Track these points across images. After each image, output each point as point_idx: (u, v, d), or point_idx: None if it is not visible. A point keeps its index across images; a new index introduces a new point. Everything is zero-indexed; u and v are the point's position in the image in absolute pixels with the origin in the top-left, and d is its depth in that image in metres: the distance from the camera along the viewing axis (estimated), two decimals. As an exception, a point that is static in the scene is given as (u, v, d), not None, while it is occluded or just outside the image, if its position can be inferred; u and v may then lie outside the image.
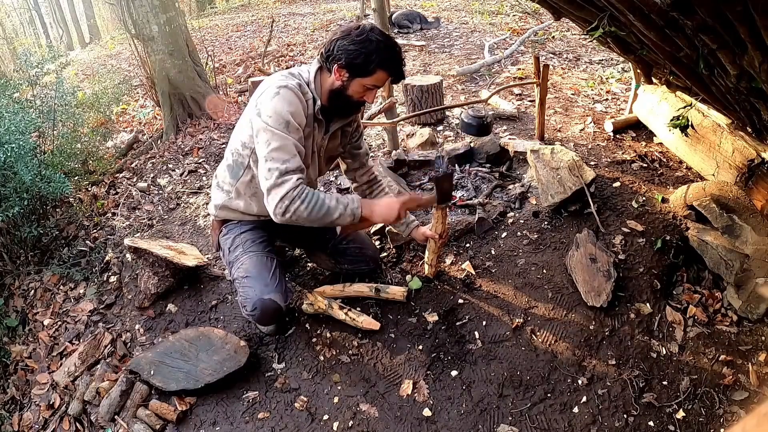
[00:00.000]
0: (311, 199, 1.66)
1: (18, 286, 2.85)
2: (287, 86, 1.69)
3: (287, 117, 1.65)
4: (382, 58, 1.67)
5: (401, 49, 1.75)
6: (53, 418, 2.14)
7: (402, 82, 3.69)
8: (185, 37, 4.60)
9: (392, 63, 1.71)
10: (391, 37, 1.73)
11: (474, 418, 1.84)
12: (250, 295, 1.86)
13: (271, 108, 1.65)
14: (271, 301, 1.84)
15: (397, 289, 2.22)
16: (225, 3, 13.72)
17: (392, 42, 1.71)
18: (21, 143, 2.55)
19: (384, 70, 1.70)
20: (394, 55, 1.70)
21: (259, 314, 1.87)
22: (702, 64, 1.89)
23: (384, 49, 1.67)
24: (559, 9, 2.29)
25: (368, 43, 1.64)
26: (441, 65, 5.06)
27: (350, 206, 1.74)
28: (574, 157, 2.62)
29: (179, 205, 3.33)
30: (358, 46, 1.65)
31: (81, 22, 16.93)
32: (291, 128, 1.66)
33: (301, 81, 1.75)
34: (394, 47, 1.70)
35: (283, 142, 1.64)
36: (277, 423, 1.90)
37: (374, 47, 1.65)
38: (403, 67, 1.76)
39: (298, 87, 1.72)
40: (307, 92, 1.75)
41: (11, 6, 15.96)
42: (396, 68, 1.73)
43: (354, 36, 1.66)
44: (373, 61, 1.66)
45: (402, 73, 1.76)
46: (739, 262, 2.08)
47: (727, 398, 1.86)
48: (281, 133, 1.64)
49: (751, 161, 2.33)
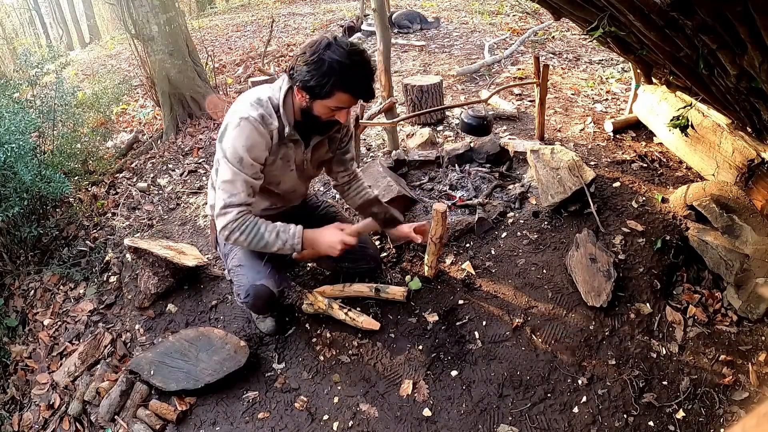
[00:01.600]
0: (250, 231, 1.72)
1: (18, 286, 2.85)
2: (248, 118, 1.65)
3: (242, 153, 1.65)
4: (339, 80, 1.55)
5: (366, 64, 1.59)
6: (53, 418, 2.14)
7: (402, 82, 3.71)
8: (185, 37, 4.60)
9: (351, 84, 1.58)
10: (354, 51, 1.57)
11: (474, 418, 1.84)
12: (243, 283, 1.89)
13: (229, 140, 1.67)
14: (263, 287, 1.86)
15: (397, 289, 2.22)
16: (225, 3, 13.72)
17: (353, 60, 1.55)
18: (21, 143, 2.55)
19: (343, 92, 1.59)
20: (354, 74, 1.57)
21: (252, 300, 1.88)
22: (702, 64, 1.89)
23: (341, 70, 1.54)
24: (559, 9, 2.29)
25: (320, 63, 1.54)
26: (441, 65, 5.06)
27: (289, 242, 1.76)
28: (574, 157, 2.62)
29: (179, 205, 3.33)
30: (311, 68, 1.55)
31: (81, 22, 16.93)
32: (245, 164, 1.67)
33: (267, 110, 1.69)
34: (353, 66, 1.55)
35: (233, 177, 1.69)
36: (277, 423, 1.90)
37: (327, 68, 1.53)
38: (370, 85, 1.62)
39: (261, 119, 1.66)
40: (272, 123, 1.69)
41: (11, 6, 15.96)
42: (357, 89, 1.60)
43: (308, 56, 1.56)
44: (328, 83, 1.55)
45: (367, 92, 1.63)
46: (739, 262, 2.08)
47: (727, 398, 1.86)
48: (233, 168, 1.68)
49: (751, 161, 2.33)
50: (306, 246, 1.80)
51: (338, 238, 1.80)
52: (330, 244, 1.81)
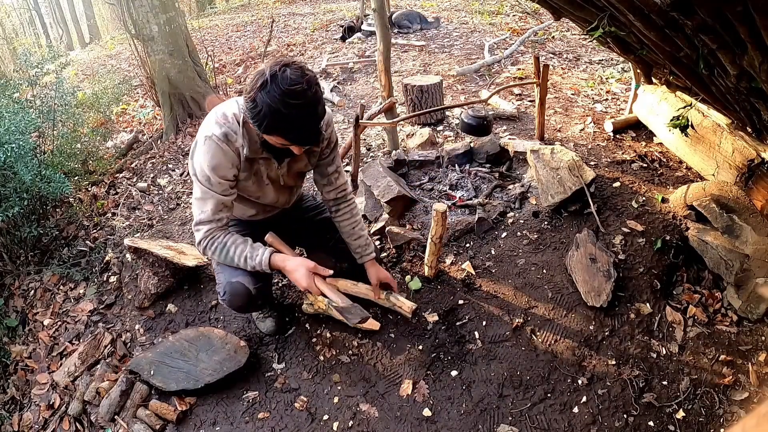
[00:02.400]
0: (220, 251, 1.75)
1: (18, 286, 2.85)
2: (211, 137, 1.62)
3: (208, 172, 1.65)
4: (271, 125, 1.46)
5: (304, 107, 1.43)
6: (53, 418, 2.14)
7: (402, 82, 3.71)
8: (185, 37, 4.60)
9: (284, 130, 1.48)
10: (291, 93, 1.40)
11: (474, 418, 1.84)
12: (221, 280, 1.89)
13: (196, 159, 1.67)
14: (239, 284, 1.84)
15: (407, 304, 2.08)
16: (225, 3, 13.73)
17: (288, 104, 1.40)
18: (21, 143, 2.55)
19: (278, 135, 1.50)
20: (288, 120, 1.44)
21: (229, 297, 1.87)
22: (702, 64, 1.89)
23: (272, 115, 1.43)
24: (559, 9, 2.29)
25: (254, 105, 1.44)
26: (441, 65, 5.06)
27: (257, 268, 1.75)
28: (574, 157, 2.62)
29: (179, 205, 3.33)
30: (249, 106, 1.47)
31: (81, 22, 16.93)
32: (212, 183, 1.67)
33: (232, 127, 1.64)
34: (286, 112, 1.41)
35: (202, 195, 1.70)
36: (277, 423, 1.90)
37: (259, 111, 1.44)
38: (308, 130, 1.50)
39: (224, 137, 1.62)
40: (236, 140, 1.64)
41: (11, 6, 15.96)
42: (291, 135, 1.49)
43: (247, 91, 1.47)
44: (262, 125, 1.47)
45: (303, 138, 1.52)
46: (739, 262, 2.08)
47: (727, 398, 1.86)
48: (202, 187, 1.68)
49: (751, 161, 2.33)
50: (275, 268, 1.76)
51: (305, 283, 1.73)
52: (295, 281, 1.76)
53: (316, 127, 1.52)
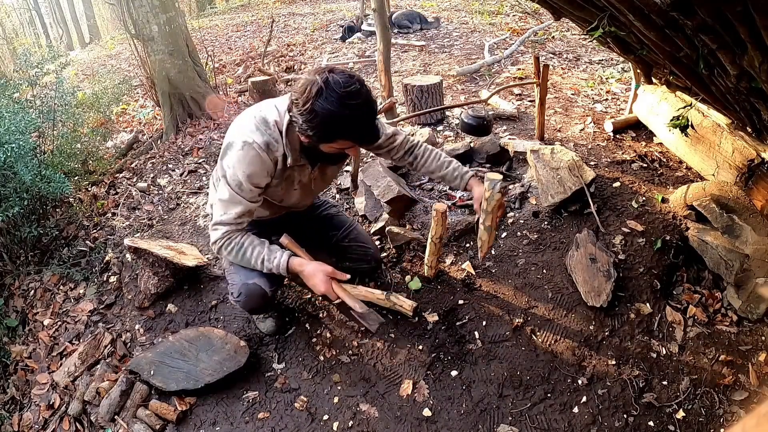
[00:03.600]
0: (237, 252, 1.75)
1: (18, 286, 2.85)
2: (252, 144, 1.60)
3: (242, 178, 1.64)
4: (335, 130, 1.50)
5: (363, 107, 1.47)
6: (53, 418, 2.14)
7: (402, 82, 3.71)
8: (185, 37, 4.60)
9: (349, 132, 1.51)
10: (349, 95, 1.44)
11: (474, 418, 1.84)
12: (235, 281, 1.89)
13: (231, 163, 1.64)
14: (255, 285, 1.85)
15: (408, 303, 2.14)
16: (225, 3, 13.72)
17: (348, 105, 1.44)
18: (21, 143, 2.55)
19: (343, 139, 1.53)
20: (351, 121, 1.48)
21: (245, 299, 1.87)
22: (702, 64, 1.89)
23: (335, 121, 1.46)
24: (559, 9, 2.29)
25: (313, 115, 1.46)
26: (441, 65, 5.06)
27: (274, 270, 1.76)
28: (574, 157, 2.62)
29: (179, 205, 3.33)
30: (306, 117, 1.48)
31: (81, 22, 16.93)
32: (243, 189, 1.66)
33: (274, 135, 1.63)
34: (348, 114, 1.45)
35: (230, 199, 1.69)
36: (277, 423, 1.90)
37: (319, 121, 1.46)
38: (370, 128, 1.54)
39: (266, 146, 1.61)
40: (277, 149, 1.64)
41: (11, 6, 15.96)
42: (356, 135, 1.53)
43: (301, 104, 1.48)
44: (326, 134, 1.50)
45: (368, 133, 1.56)
46: (739, 262, 2.08)
47: (727, 398, 1.86)
48: (231, 191, 1.67)
49: (751, 161, 2.33)
50: (292, 271, 1.77)
51: (323, 288, 1.73)
52: (313, 286, 1.77)
53: (375, 123, 1.57)
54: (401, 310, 2.16)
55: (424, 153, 2.00)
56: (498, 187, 1.76)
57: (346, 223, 2.25)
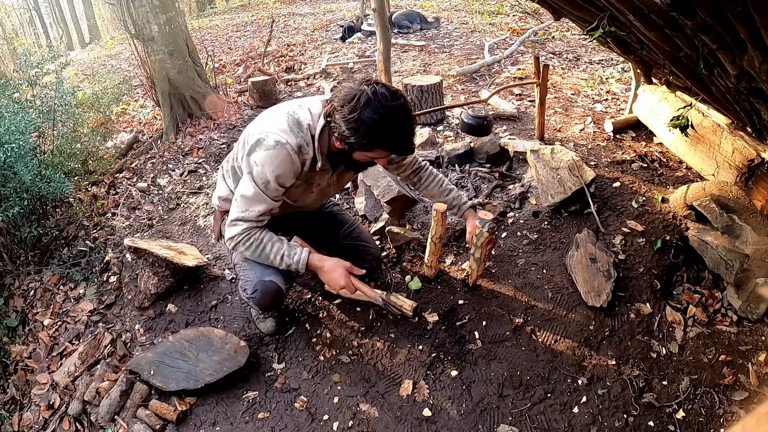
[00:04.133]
0: (255, 248, 1.75)
1: (18, 286, 2.85)
2: (285, 145, 1.61)
3: (270, 177, 1.64)
4: (378, 140, 1.53)
5: (406, 120, 1.55)
6: (53, 418, 2.14)
7: (402, 82, 3.72)
8: (185, 37, 4.60)
9: (391, 143, 1.56)
10: (395, 108, 1.52)
11: (474, 418, 1.84)
12: (250, 278, 1.89)
13: (260, 160, 1.64)
14: (272, 283, 1.87)
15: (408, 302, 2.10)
16: (225, 3, 13.72)
17: (395, 118, 1.51)
18: (21, 143, 2.55)
19: (382, 149, 1.58)
20: (394, 133, 1.54)
21: (260, 296, 1.88)
22: (702, 64, 1.89)
23: (379, 129, 1.50)
24: (559, 9, 2.29)
25: (359, 123, 1.50)
26: (441, 65, 5.06)
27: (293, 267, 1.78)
28: (574, 157, 2.62)
29: (179, 205, 3.33)
30: (350, 125, 1.52)
31: (81, 22, 16.94)
32: (269, 188, 1.66)
33: (306, 139, 1.65)
34: (393, 126, 1.52)
35: (254, 197, 1.68)
36: (277, 423, 1.90)
37: (365, 129, 1.50)
38: (410, 140, 1.59)
39: (298, 149, 1.63)
40: (307, 153, 1.66)
41: (11, 6, 15.96)
42: (397, 146, 1.59)
43: (347, 112, 1.51)
44: (368, 143, 1.54)
45: (407, 147, 1.60)
46: (739, 262, 2.08)
47: (727, 398, 1.86)
48: (256, 189, 1.67)
49: (751, 161, 2.33)
50: (311, 269, 1.81)
51: (343, 282, 1.79)
52: (332, 281, 1.81)
53: (413, 138, 1.62)
54: (401, 310, 2.16)
55: (429, 177, 2.10)
56: (487, 227, 1.96)
57: (347, 222, 2.26)
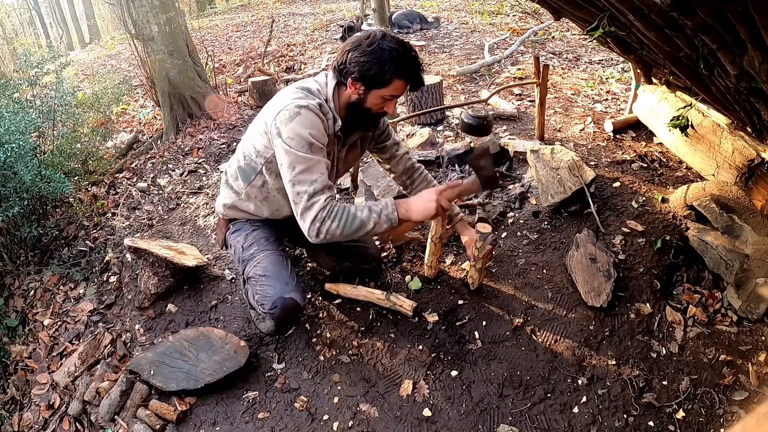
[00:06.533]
0: (341, 215, 1.63)
1: (18, 286, 2.85)
2: (308, 107, 1.63)
3: (309, 139, 1.62)
4: (398, 67, 1.61)
5: (417, 54, 1.67)
6: (53, 418, 2.14)
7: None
8: (185, 37, 4.60)
9: (409, 70, 1.64)
10: (405, 42, 1.66)
11: (474, 418, 1.84)
12: (269, 294, 1.87)
13: (292, 130, 1.61)
14: (292, 300, 1.86)
15: (408, 303, 2.16)
16: (225, 3, 13.72)
17: (407, 48, 1.63)
18: (21, 143, 2.55)
19: (401, 78, 1.64)
20: (411, 61, 1.63)
21: (280, 312, 1.87)
22: (702, 64, 1.89)
23: (398, 57, 1.60)
24: (559, 9, 2.29)
25: (381, 52, 1.58)
26: (441, 65, 5.06)
27: (384, 212, 1.66)
28: (574, 157, 2.62)
29: (179, 205, 3.33)
30: (370, 57, 1.59)
31: (81, 22, 16.94)
32: (314, 149, 1.63)
33: (321, 100, 1.69)
34: (409, 53, 1.63)
35: (308, 164, 1.62)
36: (277, 423, 1.90)
37: (387, 56, 1.59)
38: (421, 73, 1.69)
39: (319, 107, 1.66)
40: (328, 111, 1.69)
41: (11, 6, 15.96)
42: (414, 75, 1.67)
43: (365, 46, 1.60)
44: (388, 71, 1.60)
45: (421, 79, 1.70)
46: (739, 262, 2.08)
47: (727, 398, 1.86)
48: (305, 155, 1.61)
49: (751, 161, 2.33)
50: (401, 214, 1.69)
51: (433, 204, 1.69)
52: (425, 209, 1.70)
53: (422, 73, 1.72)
54: (401, 310, 2.17)
55: (422, 181, 2.14)
56: (489, 239, 2.02)
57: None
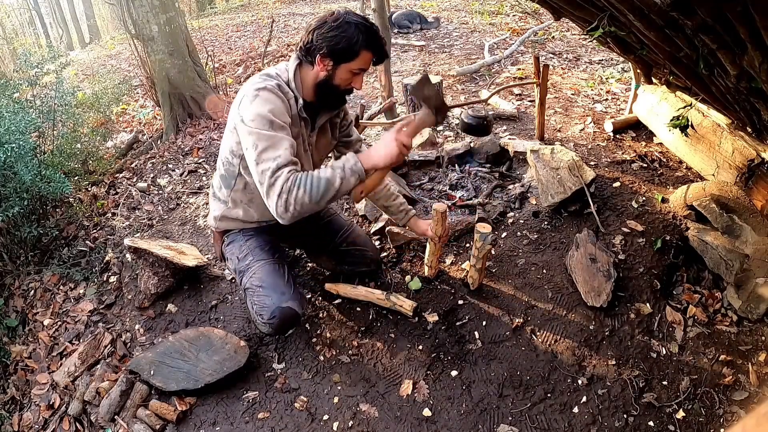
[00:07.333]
0: (306, 181, 1.56)
1: (18, 286, 2.85)
2: (265, 88, 1.65)
3: (269, 116, 1.60)
4: (365, 39, 1.66)
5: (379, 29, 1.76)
6: (53, 418, 2.14)
7: (402, 82, 3.71)
8: (185, 37, 4.60)
9: (375, 42, 1.70)
10: (367, 17, 1.74)
11: (474, 418, 1.84)
12: (267, 304, 1.85)
13: (252, 111, 1.60)
14: (290, 309, 1.84)
15: (408, 303, 2.17)
16: (225, 3, 13.72)
17: (370, 22, 1.70)
18: (21, 143, 2.55)
19: (368, 50, 1.69)
20: (375, 34, 1.70)
21: (278, 322, 1.85)
22: (702, 64, 1.89)
23: (365, 30, 1.66)
24: (559, 9, 2.29)
25: (347, 26, 1.63)
26: (441, 65, 5.06)
27: (347, 166, 1.60)
28: (574, 157, 2.62)
29: (179, 205, 3.33)
30: (338, 32, 1.63)
31: (81, 22, 16.93)
32: (275, 126, 1.61)
33: (280, 81, 1.71)
34: (372, 26, 1.69)
35: (271, 141, 1.58)
36: (277, 423, 1.90)
37: (354, 29, 1.64)
38: (383, 44, 1.74)
39: (278, 87, 1.68)
40: (288, 91, 1.71)
41: (11, 6, 15.96)
42: (379, 47, 1.72)
43: (331, 22, 1.64)
44: (356, 43, 1.64)
45: (385, 51, 1.76)
46: (739, 262, 2.08)
47: (727, 398, 1.86)
48: (267, 132, 1.58)
49: (751, 161, 2.33)
50: (366, 164, 1.63)
51: (394, 143, 1.61)
52: (388, 151, 1.62)
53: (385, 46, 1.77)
54: (401, 310, 2.17)
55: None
56: (489, 239, 2.01)
57: (343, 227, 2.24)
